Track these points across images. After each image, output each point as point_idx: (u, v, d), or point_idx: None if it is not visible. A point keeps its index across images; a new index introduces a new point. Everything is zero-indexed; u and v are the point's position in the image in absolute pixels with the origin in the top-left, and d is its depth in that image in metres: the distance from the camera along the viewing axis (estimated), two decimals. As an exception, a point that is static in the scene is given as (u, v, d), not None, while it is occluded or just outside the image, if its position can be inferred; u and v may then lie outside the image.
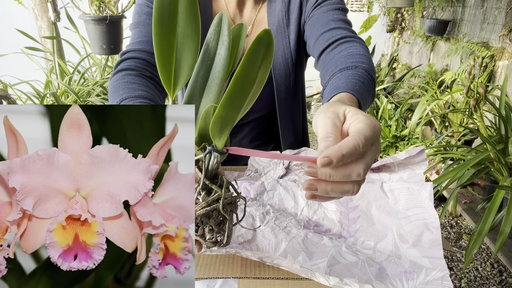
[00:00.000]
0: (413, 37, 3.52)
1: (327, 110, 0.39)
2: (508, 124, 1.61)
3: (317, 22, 0.78)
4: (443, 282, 0.49)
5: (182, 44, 0.35)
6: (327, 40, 0.74)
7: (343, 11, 0.80)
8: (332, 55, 0.71)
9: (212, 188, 0.37)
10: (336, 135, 0.36)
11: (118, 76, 0.70)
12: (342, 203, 0.65)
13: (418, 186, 0.60)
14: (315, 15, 0.80)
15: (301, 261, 0.54)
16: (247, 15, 0.87)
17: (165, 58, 0.35)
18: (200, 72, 0.36)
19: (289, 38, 0.85)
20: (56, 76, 1.83)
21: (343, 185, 0.34)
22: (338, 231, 0.63)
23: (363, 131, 0.35)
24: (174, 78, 0.36)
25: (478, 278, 1.85)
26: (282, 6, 0.85)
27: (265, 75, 0.32)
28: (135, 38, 0.77)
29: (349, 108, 0.39)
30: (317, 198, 0.36)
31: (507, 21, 2.13)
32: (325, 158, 0.32)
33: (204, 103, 0.37)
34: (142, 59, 0.73)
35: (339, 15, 0.78)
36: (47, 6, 1.92)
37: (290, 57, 0.86)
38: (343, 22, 0.77)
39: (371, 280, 0.51)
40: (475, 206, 1.89)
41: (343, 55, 0.67)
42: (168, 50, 0.35)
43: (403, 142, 2.64)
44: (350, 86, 0.56)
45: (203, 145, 0.36)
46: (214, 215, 0.38)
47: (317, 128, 0.39)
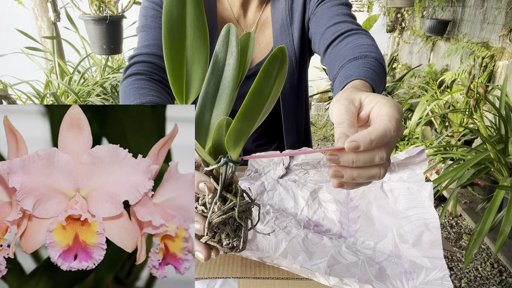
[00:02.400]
0: (413, 37, 3.52)
1: (340, 97, 0.38)
2: (508, 124, 1.61)
3: (322, 17, 0.78)
4: (443, 282, 0.49)
5: (192, 57, 0.36)
6: (333, 34, 0.73)
7: (347, 6, 0.80)
8: (339, 48, 0.70)
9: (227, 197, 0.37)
10: (351, 120, 0.35)
11: (128, 82, 0.69)
12: (342, 203, 0.65)
13: (418, 186, 0.60)
14: (320, 11, 0.80)
15: (301, 261, 0.54)
16: (251, 15, 0.87)
17: (176, 71, 0.35)
18: (211, 83, 0.37)
19: (292, 36, 0.85)
20: (56, 76, 1.83)
21: (369, 169, 0.33)
22: (338, 231, 0.63)
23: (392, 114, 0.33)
24: (185, 91, 0.36)
25: (478, 278, 1.85)
26: (285, 5, 0.85)
27: (278, 89, 0.33)
28: (143, 42, 0.77)
29: (365, 94, 0.38)
30: (344, 185, 0.35)
31: (507, 21, 2.13)
32: (353, 142, 0.31)
33: (216, 113, 0.37)
34: (150, 63, 0.73)
35: (343, 9, 0.78)
36: (47, 6, 1.92)
37: (294, 55, 0.86)
38: (348, 16, 0.77)
39: (371, 280, 0.51)
40: (475, 206, 1.89)
41: (351, 46, 0.66)
42: (178, 63, 0.35)
43: (403, 142, 2.64)
44: (362, 74, 0.54)
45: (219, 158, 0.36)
46: (230, 222, 0.38)
47: (332, 117, 0.38)
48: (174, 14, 0.34)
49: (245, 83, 0.88)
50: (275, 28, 0.86)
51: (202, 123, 0.38)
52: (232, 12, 0.86)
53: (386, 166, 0.34)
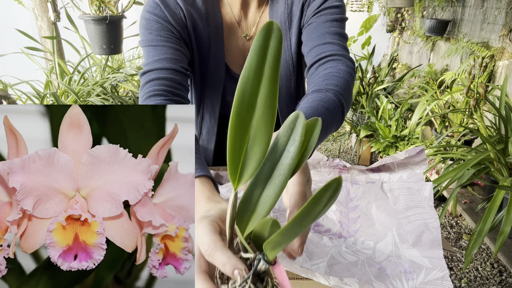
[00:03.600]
0: (413, 37, 3.52)
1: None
2: (508, 124, 1.61)
3: (314, 32, 0.79)
4: (443, 282, 0.49)
5: (254, 137, 0.34)
6: (318, 54, 0.75)
7: (341, 21, 0.80)
8: (318, 72, 0.72)
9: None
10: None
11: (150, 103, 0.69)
12: (342, 203, 0.65)
13: (418, 186, 0.60)
14: (314, 23, 0.80)
15: (301, 261, 0.54)
16: (252, 16, 0.87)
17: (236, 152, 0.34)
18: (267, 164, 0.35)
19: (290, 41, 0.85)
20: (56, 76, 1.83)
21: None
22: (338, 231, 0.63)
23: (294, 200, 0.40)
24: (240, 171, 0.35)
25: (478, 278, 1.85)
26: (284, 8, 0.85)
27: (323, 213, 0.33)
28: (153, 56, 0.75)
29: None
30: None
31: (507, 21, 2.13)
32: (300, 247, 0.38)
33: (265, 194, 0.36)
34: (165, 79, 0.72)
35: (336, 27, 0.78)
36: (47, 6, 1.92)
37: (291, 60, 0.86)
38: (338, 36, 0.77)
39: (371, 280, 0.51)
40: (475, 206, 1.89)
41: (324, 75, 0.69)
42: (240, 143, 0.34)
43: (403, 142, 2.64)
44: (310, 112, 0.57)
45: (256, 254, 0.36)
46: None
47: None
48: (247, 92, 0.33)
49: None
50: None
51: (249, 203, 0.36)
52: (233, 13, 0.86)
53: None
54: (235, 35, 0.87)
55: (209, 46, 0.84)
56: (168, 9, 0.78)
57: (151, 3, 0.79)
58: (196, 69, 0.86)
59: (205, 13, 0.83)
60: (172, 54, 0.75)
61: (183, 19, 0.80)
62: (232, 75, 0.88)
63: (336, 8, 0.80)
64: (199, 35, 0.83)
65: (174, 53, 0.76)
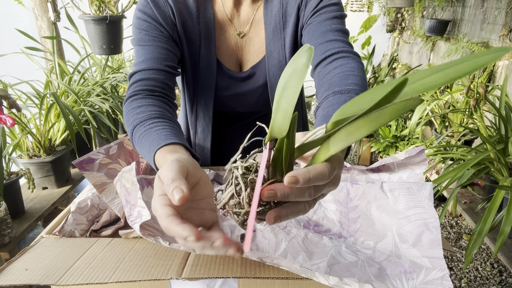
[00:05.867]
0: (413, 37, 3.52)
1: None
2: (508, 124, 1.61)
3: (315, 31, 0.79)
4: (443, 282, 0.49)
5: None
6: (324, 52, 0.75)
7: (341, 18, 0.80)
8: (328, 70, 0.72)
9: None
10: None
11: (128, 103, 0.71)
12: (342, 203, 0.65)
13: (418, 186, 0.60)
14: (314, 22, 0.80)
15: (301, 261, 0.54)
16: (245, 14, 0.87)
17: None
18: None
19: (284, 41, 0.85)
20: (56, 76, 1.83)
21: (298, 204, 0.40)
22: (338, 231, 0.63)
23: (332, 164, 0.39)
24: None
25: (478, 278, 1.85)
26: (279, 8, 0.85)
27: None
28: (140, 57, 0.77)
29: None
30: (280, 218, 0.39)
31: (507, 21, 2.13)
32: (293, 177, 0.36)
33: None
34: (149, 79, 0.74)
35: (337, 24, 0.78)
36: (47, 6, 1.91)
37: (284, 60, 0.86)
38: (340, 33, 0.78)
39: (371, 280, 0.51)
40: (475, 206, 1.89)
41: (338, 73, 0.69)
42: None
43: (403, 142, 2.64)
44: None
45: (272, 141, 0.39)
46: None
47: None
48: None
49: (240, 84, 0.88)
50: (267, 31, 0.86)
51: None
52: (225, 11, 0.86)
53: (311, 204, 0.41)
54: (227, 33, 0.87)
55: (199, 43, 0.85)
56: (157, 8, 0.80)
57: (142, 1, 0.81)
58: (188, 66, 0.87)
59: (196, 10, 0.83)
60: (158, 53, 0.77)
61: (171, 17, 0.81)
62: (224, 71, 0.88)
63: (334, 6, 0.80)
64: (189, 33, 0.84)
65: (161, 52, 0.77)
